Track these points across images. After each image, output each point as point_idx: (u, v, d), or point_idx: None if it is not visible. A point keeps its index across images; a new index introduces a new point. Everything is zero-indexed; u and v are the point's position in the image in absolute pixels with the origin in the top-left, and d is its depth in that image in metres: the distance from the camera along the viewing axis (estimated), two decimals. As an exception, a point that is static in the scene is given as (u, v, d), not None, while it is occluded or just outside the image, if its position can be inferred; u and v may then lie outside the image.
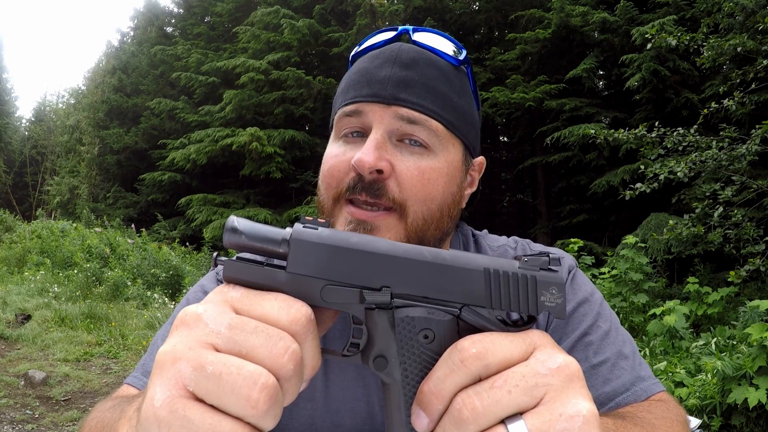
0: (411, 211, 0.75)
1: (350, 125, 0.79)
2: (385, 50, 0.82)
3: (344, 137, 0.81)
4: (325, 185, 0.80)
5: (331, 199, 0.78)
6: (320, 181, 0.82)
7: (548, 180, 11.40)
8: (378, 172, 0.74)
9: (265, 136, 12.07)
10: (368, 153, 0.73)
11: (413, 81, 0.78)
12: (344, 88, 0.83)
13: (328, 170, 0.79)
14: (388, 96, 0.76)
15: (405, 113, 0.76)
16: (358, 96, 0.78)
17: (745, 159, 5.48)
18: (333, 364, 0.83)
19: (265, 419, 0.40)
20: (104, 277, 8.81)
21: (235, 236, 0.46)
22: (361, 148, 0.76)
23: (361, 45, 0.88)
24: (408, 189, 0.75)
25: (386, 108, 0.77)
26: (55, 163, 31.22)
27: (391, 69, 0.78)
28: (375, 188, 0.74)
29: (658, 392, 0.80)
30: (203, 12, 18.79)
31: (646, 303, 5.34)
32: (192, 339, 0.42)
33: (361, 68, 0.82)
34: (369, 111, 0.77)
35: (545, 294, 0.47)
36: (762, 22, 5.56)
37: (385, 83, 0.77)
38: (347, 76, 0.85)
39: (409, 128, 0.77)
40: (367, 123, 0.78)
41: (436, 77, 0.80)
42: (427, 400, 0.44)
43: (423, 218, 0.77)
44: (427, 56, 0.81)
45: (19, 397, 4.66)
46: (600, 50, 9.73)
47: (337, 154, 0.79)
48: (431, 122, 0.77)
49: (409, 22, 12.49)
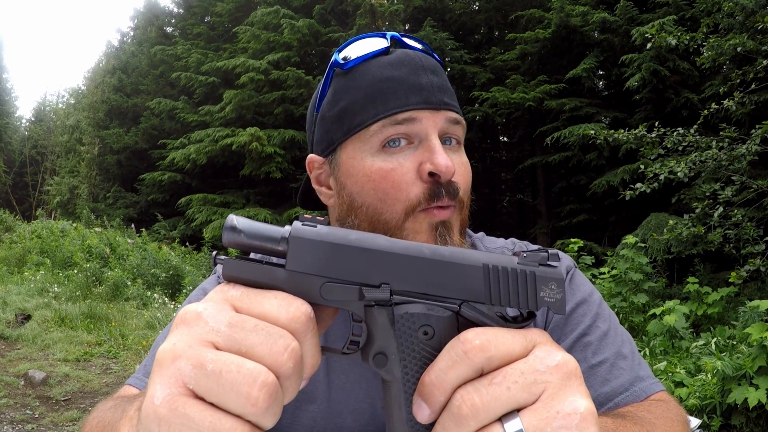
0: (465, 204, 0.83)
1: (399, 132, 0.79)
2: (402, 58, 0.82)
3: (385, 148, 0.79)
4: (391, 200, 0.77)
5: (402, 213, 0.78)
6: (374, 198, 0.79)
7: (548, 180, 11.41)
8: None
9: (265, 136, 12.08)
10: (446, 158, 0.77)
11: (445, 86, 0.83)
12: (373, 96, 0.80)
13: (393, 185, 0.77)
14: (438, 101, 0.80)
15: (452, 116, 0.82)
16: (408, 104, 0.79)
17: (745, 159, 5.48)
18: (335, 365, 0.83)
19: (265, 417, 0.40)
20: (104, 277, 8.81)
21: (234, 235, 0.46)
22: (411, 155, 0.79)
23: (340, 51, 0.85)
24: (463, 184, 0.81)
25: (437, 113, 0.80)
26: (55, 163, 31.23)
27: (426, 76, 0.81)
28: (454, 189, 0.79)
29: (657, 392, 0.80)
30: (203, 12, 18.79)
31: (646, 303, 5.34)
32: (192, 337, 0.42)
33: (390, 76, 0.80)
34: (423, 118, 0.79)
35: (544, 289, 0.47)
36: (762, 21, 5.56)
37: (431, 90, 0.80)
38: (366, 84, 0.81)
39: (453, 129, 0.82)
40: (418, 129, 0.79)
41: (447, 80, 0.86)
42: (428, 391, 0.44)
43: (468, 209, 0.84)
44: (435, 62, 0.87)
45: (19, 397, 4.66)
46: (600, 50, 9.74)
47: (393, 167, 0.78)
48: (463, 121, 0.85)
49: (409, 22, 12.52)
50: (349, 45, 0.85)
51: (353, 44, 0.85)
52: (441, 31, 11.63)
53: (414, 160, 0.78)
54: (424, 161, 0.77)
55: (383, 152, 0.79)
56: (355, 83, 0.82)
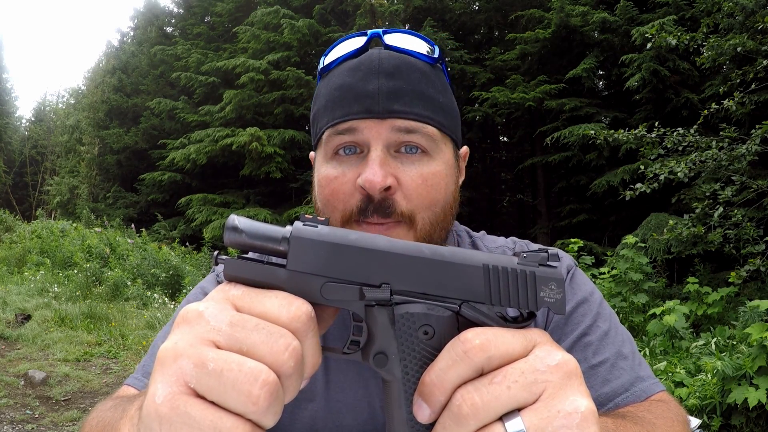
0: (419, 218, 0.76)
1: (343, 142, 0.77)
2: (363, 61, 0.79)
3: (336, 156, 0.78)
4: (331, 208, 0.77)
5: (340, 221, 0.77)
6: (321, 203, 0.79)
7: (548, 180, 11.40)
8: (386, 189, 0.74)
9: (265, 136, 12.08)
10: (375, 172, 0.72)
11: (402, 90, 0.76)
12: (327, 105, 0.80)
13: (331, 193, 0.77)
14: (382, 110, 0.75)
15: (401, 124, 0.75)
16: (349, 113, 0.76)
17: (745, 159, 5.49)
18: (334, 365, 0.83)
19: (266, 416, 0.40)
20: (104, 277, 8.81)
21: (236, 234, 0.47)
22: (358, 165, 0.76)
23: (326, 55, 0.85)
24: (415, 199, 0.75)
25: (381, 122, 0.75)
26: (55, 163, 31.23)
27: (377, 80, 0.76)
28: (385, 206, 0.74)
29: (658, 392, 0.80)
30: (203, 12, 18.79)
31: (646, 303, 5.33)
32: (193, 336, 0.42)
33: (343, 83, 0.78)
34: (364, 128, 0.75)
35: (545, 290, 0.47)
36: (762, 21, 5.57)
37: (375, 97, 0.75)
38: (327, 92, 0.81)
39: (407, 137, 0.76)
40: (362, 139, 0.76)
41: (420, 81, 0.78)
42: (428, 391, 0.44)
43: (430, 223, 0.77)
44: (408, 60, 0.79)
45: (19, 397, 4.66)
46: (600, 50, 9.73)
47: (336, 175, 0.77)
48: (427, 128, 0.77)
49: (409, 22, 12.51)
50: (334, 47, 0.85)
51: (337, 47, 0.84)
52: (441, 31, 11.63)
53: (356, 170, 0.76)
54: (361, 173, 0.74)
55: (334, 160, 0.79)
56: (323, 89, 0.83)
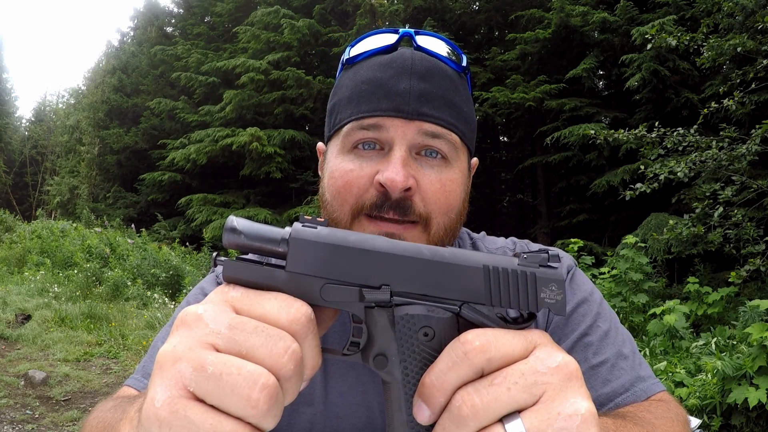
0: (434, 223, 0.77)
1: (365, 137, 0.77)
2: (396, 58, 0.79)
3: (354, 149, 0.78)
4: (341, 200, 0.77)
5: (349, 214, 0.77)
6: (331, 195, 0.79)
7: (548, 180, 11.40)
8: (405, 190, 0.74)
9: (265, 136, 12.08)
10: (398, 172, 0.72)
11: (432, 94, 0.77)
12: (352, 97, 0.79)
13: (344, 185, 0.76)
14: (411, 111, 0.75)
15: (428, 128, 0.76)
16: (377, 109, 0.76)
17: (745, 159, 5.48)
18: (332, 369, 0.83)
19: (265, 419, 0.40)
20: (104, 277, 8.81)
21: (235, 236, 0.46)
22: (376, 161, 0.76)
23: (353, 46, 0.84)
24: (432, 203, 0.76)
25: (408, 123, 0.75)
26: (55, 163, 31.23)
27: (409, 81, 0.76)
28: (403, 206, 0.74)
29: (658, 392, 0.80)
30: (203, 12, 18.80)
31: (646, 303, 5.33)
32: (192, 339, 0.42)
33: (372, 78, 0.78)
34: (390, 126, 0.76)
35: (545, 291, 0.47)
36: (762, 21, 5.56)
37: (406, 97, 0.75)
38: (352, 84, 0.81)
39: (432, 141, 0.77)
40: (386, 137, 0.76)
41: (449, 88, 0.79)
42: (428, 392, 0.44)
43: (444, 228, 0.78)
44: (440, 66, 0.80)
45: (19, 397, 4.66)
46: (600, 50, 9.73)
47: (352, 168, 0.77)
48: (451, 135, 0.78)
49: (409, 22, 12.49)
50: (362, 39, 0.85)
51: (365, 39, 0.84)
52: (441, 31, 11.63)
53: (375, 166, 0.76)
54: (381, 170, 0.74)
55: (352, 153, 0.79)
56: (348, 81, 0.82)
